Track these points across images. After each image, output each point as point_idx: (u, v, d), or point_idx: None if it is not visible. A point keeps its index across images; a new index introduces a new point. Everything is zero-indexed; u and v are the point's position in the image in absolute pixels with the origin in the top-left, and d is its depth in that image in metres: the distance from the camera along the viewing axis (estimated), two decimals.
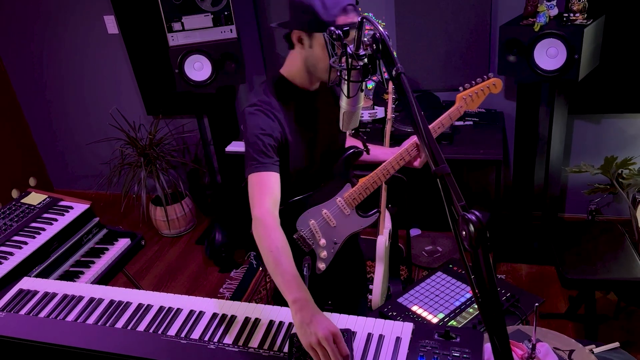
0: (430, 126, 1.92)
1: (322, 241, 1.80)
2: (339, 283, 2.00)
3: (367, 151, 1.90)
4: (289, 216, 1.75)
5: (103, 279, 2.41)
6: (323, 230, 1.81)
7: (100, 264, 2.45)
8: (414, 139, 1.86)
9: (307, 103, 1.72)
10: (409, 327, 1.41)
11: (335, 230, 1.84)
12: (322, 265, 1.81)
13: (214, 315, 1.55)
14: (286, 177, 1.66)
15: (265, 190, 1.57)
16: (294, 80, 1.70)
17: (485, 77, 1.99)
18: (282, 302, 1.43)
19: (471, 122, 3.20)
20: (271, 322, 1.50)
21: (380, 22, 2.90)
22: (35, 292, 1.72)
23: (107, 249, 2.54)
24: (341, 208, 1.84)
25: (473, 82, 1.98)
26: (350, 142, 1.96)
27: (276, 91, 1.68)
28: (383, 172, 1.86)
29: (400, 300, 2.02)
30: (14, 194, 4.23)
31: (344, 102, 1.64)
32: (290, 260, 1.43)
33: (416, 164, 1.90)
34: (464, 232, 0.97)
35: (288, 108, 1.68)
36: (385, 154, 1.95)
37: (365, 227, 1.91)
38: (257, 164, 1.58)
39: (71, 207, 2.56)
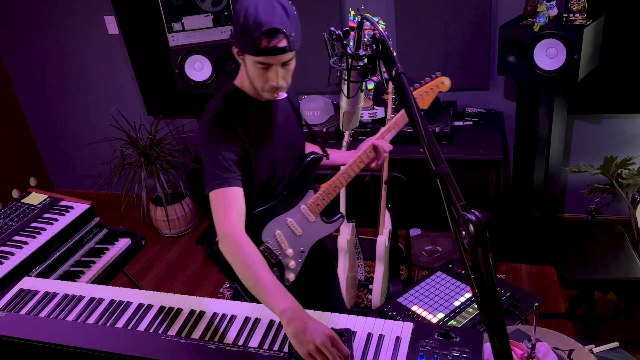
0: (384, 128, 1.93)
1: (289, 251, 1.77)
2: (309, 287, 1.94)
3: (327, 156, 1.88)
4: (253, 228, 1.72)
5: (103, 279, 2.42)
6: (289, 239, 1.79)
7: (101, 264, 2.45)
8: (370, 141, 1.86)
9: (262, 112, 1.68)
10: (408, 326, 1.42)
11: (301, 238, 1.81)
12: (290, 276, 1.78)
13: (214, 315, 1.55)
14: (249, 189, 1.63)
15: (230, 206, 1.54)
16: (246, 91, 1.66)
17: (433, 75, 1.99)
18: None
19: (471, 122, 3.20)
20: (271, 322, 1.50)
21: (380, 22, 2.90)
22: (36, 292, 1.73)
23: (107, 249, 2.55)
24: (305, 215, 1.82)
25: (422, 81, 1.98)
26: (309, 148, 1.94)
27: (231, 103, 1.64)
28: (344, 176, 1.86)
29: (400, 300, 2.02)
30: (15, 194, 4.23)
31: (344, 102, 1.64)
32: (268, 270, 1.40)
33: (373, 165, 1.89)
34: (463, 232, 0.97)
35: (244, 119, 1.64)
36: (343, 158, 1.95)
37: (331, 232, 1.89)
38: (219, 179, 1.55)
39: (71, 207, 2.56)
